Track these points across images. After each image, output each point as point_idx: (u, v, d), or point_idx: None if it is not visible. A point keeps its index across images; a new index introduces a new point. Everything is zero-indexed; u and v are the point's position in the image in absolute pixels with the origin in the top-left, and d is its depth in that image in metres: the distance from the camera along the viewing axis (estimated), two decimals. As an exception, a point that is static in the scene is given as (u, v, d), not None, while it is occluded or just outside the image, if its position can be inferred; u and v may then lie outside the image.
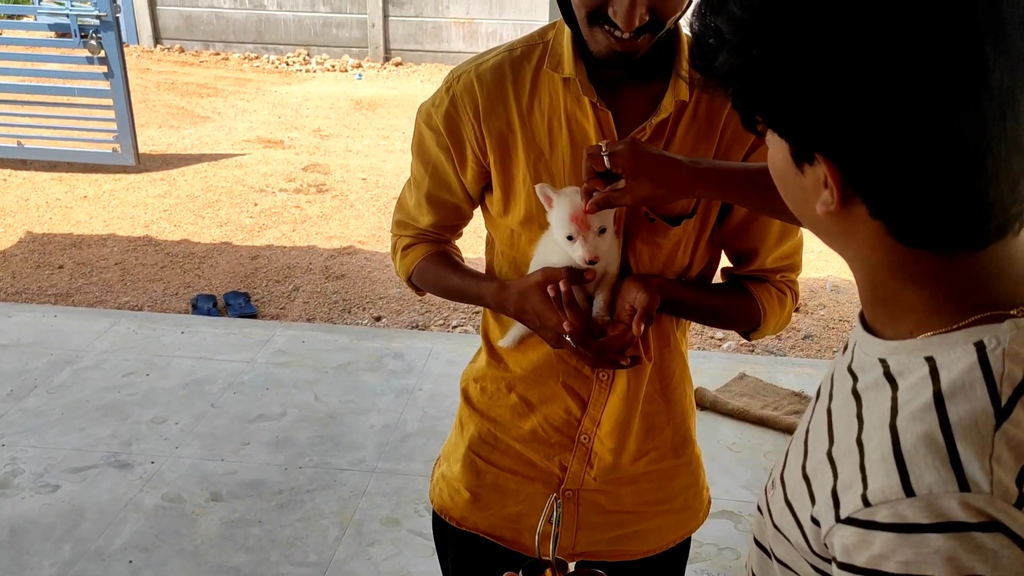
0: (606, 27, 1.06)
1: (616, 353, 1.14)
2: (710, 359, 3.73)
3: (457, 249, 1.39)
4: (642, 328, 1.09)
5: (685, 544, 1.40)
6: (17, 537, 2.54)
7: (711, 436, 3.14)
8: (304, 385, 3.40)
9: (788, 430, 3.17)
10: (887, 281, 0.68)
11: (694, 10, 0.70)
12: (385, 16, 10.89)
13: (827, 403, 0.73)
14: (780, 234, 1.22)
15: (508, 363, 1.29)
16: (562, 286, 1.11)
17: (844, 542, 0.62)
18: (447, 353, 3.65)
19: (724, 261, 1.31)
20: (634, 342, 1.13)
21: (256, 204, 5.68)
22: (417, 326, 4.16)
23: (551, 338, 1.16)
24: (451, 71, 1.23)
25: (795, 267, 1.27)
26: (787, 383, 3.50)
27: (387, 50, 10.97)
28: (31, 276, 4.53)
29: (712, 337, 4.09)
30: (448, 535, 1.38)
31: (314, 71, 10.32)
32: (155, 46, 11.08)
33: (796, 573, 0.74)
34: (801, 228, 1.25)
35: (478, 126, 1.18)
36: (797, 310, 4.38)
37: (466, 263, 1.35)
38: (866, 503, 0.61)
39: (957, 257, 0.65)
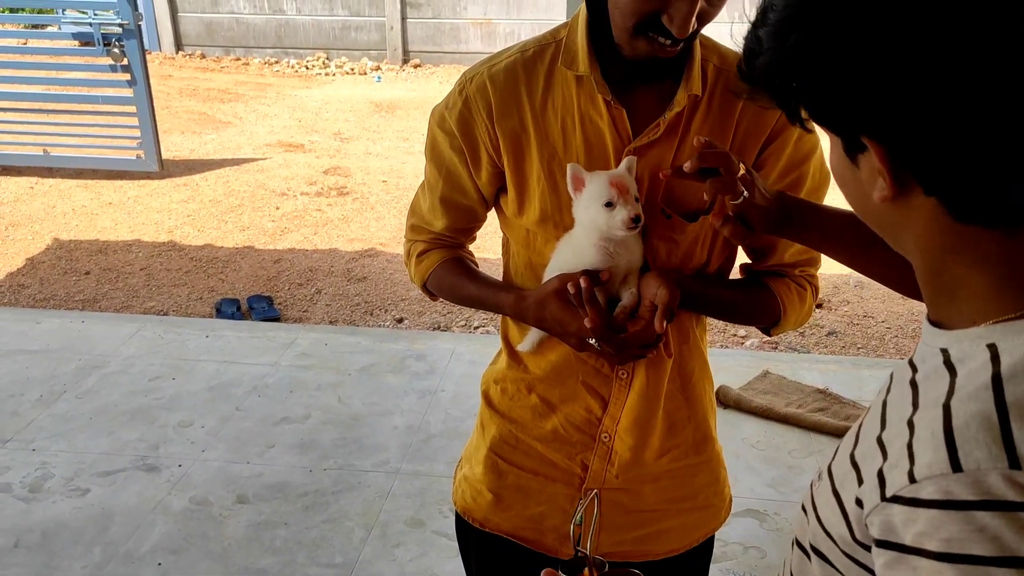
0: (654, 35, 1.06)
1: (638, 348, 1.14)
2: (733, 357, 3.71)
3: (471, 254, 1.39)
4: (664, 324, 1.09)
5: (708, 543, 1.40)
6: (48, 540, 2.58)
7: (735, 434, 3.13)
8: (327, 387, 3.42)
9: (813, 428, 3.15)
10: (948, 266, 0.67)
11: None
12: (403, 18, 10.93)
13: (884, 396, 0.73)
14: None
15: (528, 364, 1.29)
16: (582, 283, 1.11)
17: (889, 520, 0.61)
18: (469, 354, 3.66)
19: (743, 257, 1.31)
20: (654, 338, 1.13)
21: (278, 208, 5.73)
22: (439, 327, 4.18)
23: (574, 343, 1.17)
24: (464, 73, 1.23)
25: (814, 261, 1.27)
26: (811, 380, 3.48)
27: (405, 52, 11.01)
28: (59, 282, 4.59)
29: (735, 335, 4.07)
30: (471, 536, 1.38)
31: (333, 74, 10.38)
32: (177, 53, 11.20)
33: (839, 572, 0.72)
34: None
35: (492, 127, 1.19)
36: (820, 306, 4.35)
37: (481, 268, 1.36)
38: (912, 479, 0.60)
39: (1017, 235, 0.64)
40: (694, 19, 1.03)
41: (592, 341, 1.12)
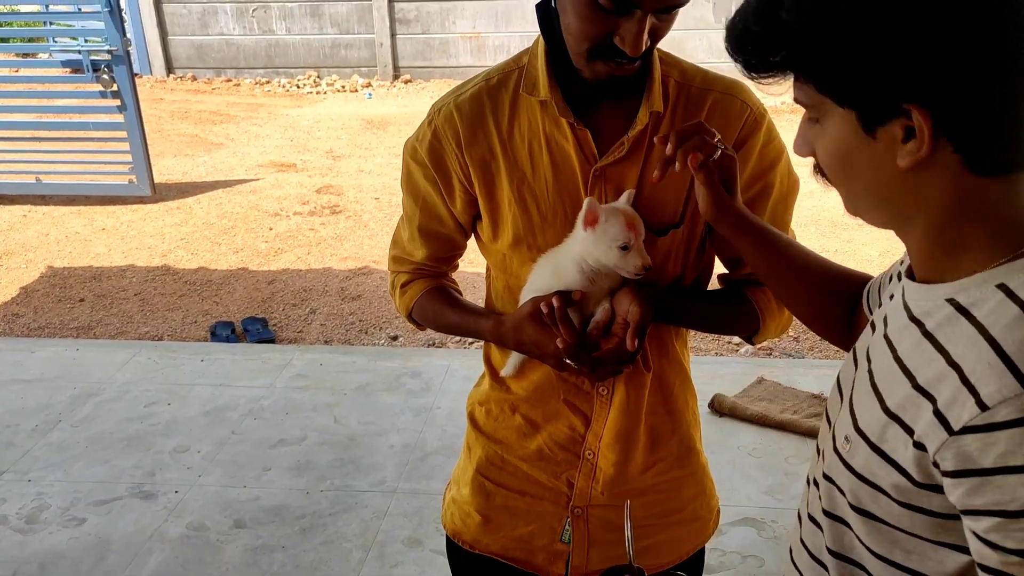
0: (609, 56, 1.07)
1: (614, 365, 1.14)
2: (728, 364, 3.71)
3: (454, 283, 1.40)
4: (636, 341, 1.10)
5: (699, 555, 1.40)
6: (46, 572, 2.57)
7: (731, 442, 3.13)
8: (323, 408, 3.42)
9: (809, 433, 3.15)
10: (953, 223, 0.74)
11: (737, 13, 0.76)
12: (392, 35, 10.97)
13: (890, 355, 0.78)
14: None
15: (510, 385, 1.30)
16: (554, 302, 1.11)
17: (964, 450, 0.67)
18: (464, 370, 3.66)
19: (720, 267, 1.32)
20: (628, 355, 1.13)
21: (271, 228, 5.74)
22: (434, 344, 4.18)
23: (553, 363, 1.18)
24: (432, 104, 1.25)
25: None
26: (806, 385, 3.48)
27: (396, 68, 11.05)
28: (53, 310, 4.59)
29: (729, 342, 4.07)
30: (462, 558, 1.38)
31: (325, 92, 10.41)
32: (168, 75, 11.23)
33: (891, 525, 0.77)
34: (791, 229, 1.26)
35: (461, 155, 1.20)
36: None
37: (464, 297, 1.37)
38: (983, 407, 0.66)
39: (1016, 182, 0.73)
40: (646, 36, 1.04)
41: (568, 360, 1.13)
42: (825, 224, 5.49)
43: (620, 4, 1.01)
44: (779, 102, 8.93)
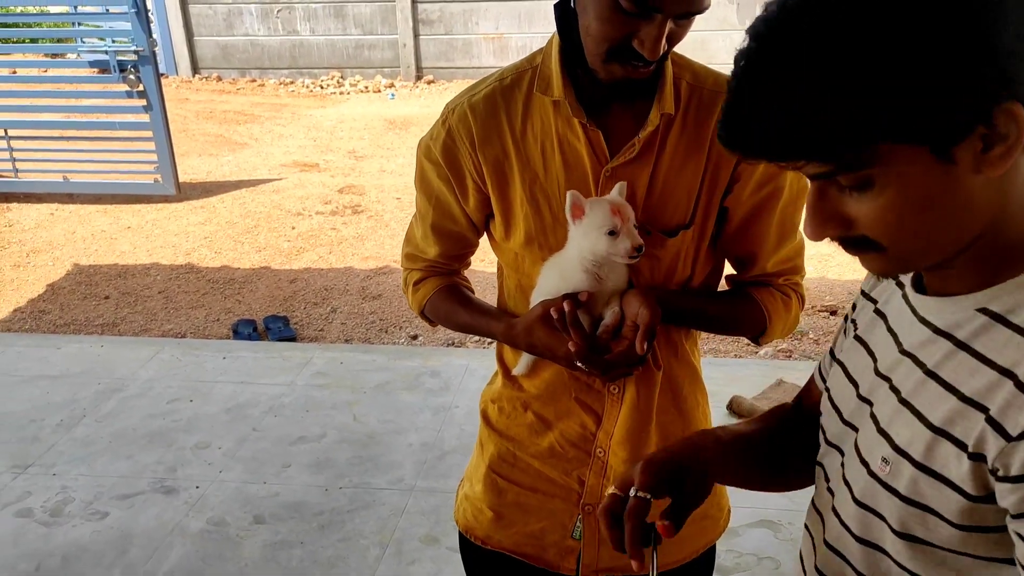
0: (626, 59, 1.08)
1: (624, 367, 1.15)
2: (747, 367, 3.70)
3: (466, 280, 1.42)
4: (645, 345, 1.11)
5: (710, 553, 1.40)
6: (69, 564, 2.61)
7: (749, 444, 3.12)
8: (343, 406, 3.45)
9: (828, 436, 3.13)
10: (1005, 227, 0.71)
11: (735, 106, 0.71)
12: (416, 35, 11.01)
13: (919, 371, 0.76)
14: (779, 237, 1.23)
15: (523, 383, 1.31)
16: (565, 306, 1.12)
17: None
18: (483, 370, 3.67)
19: (729, 269, 1.32)
20: (639, 357, 1.14)
21: (293, 228, 5.78)
22: (453, 343, 4.19)
23: (564, 364, 1.19)
24: (446, 104, 1.26)
25: (797, 269, 1.28)
26: (826, 388, 3.46)
27: (419, 69, 11.09)
28: (79, 307, 4.66)
29: (748, 345, 4.06)
30: (474, 554, 1.40)
31: (348, 93, 10.47)
32: (193, 76, 11.34)
33: (939, 547, 0.74)
34: (800, 231, 1.26)
35: (475, 155, 1.22)
36: (835, 313, 4.33)
37: (475, 295, 1.38)
38: None
39: None
40: (664, 41, 1.04)
41: (579, 363, 1.14)
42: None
43: (641, 8, 1.02)
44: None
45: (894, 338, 0.81)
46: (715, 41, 10.23)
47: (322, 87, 10.81)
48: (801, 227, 1.26)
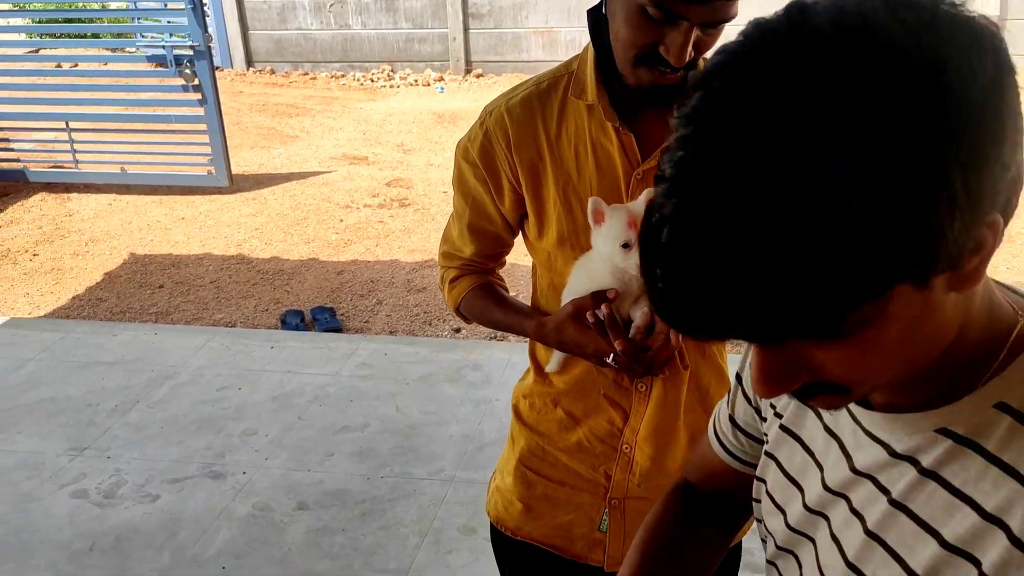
0: (654, 64, 1.10)
1: (660, 365, 1.17)
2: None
3: (501, 279, 1.45)
4: (680, 338, 1.12)
5: (736, 550, 1.41)
6: (121, 544, 2.71)
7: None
8: (386, 397, 3.51)
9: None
10: (965, 335, 0.63)
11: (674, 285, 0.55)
12: (466, 29, 11.06)
13: (882, 501, 0.68)
14: None
15: (553, 379, 1.34)
16: (603, 310, 1.14)
17: None
18: (524, 364, 3.64)
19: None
20: (673, 354, 1.15)
21: (341, 220, 5.87)
22: (495, 337, 4.23)
23: (595, 362, 1.22)
24: (484, 107, 1.29)
25: None
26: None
27: (468, 62, 11.13)
28: (134, 296, 4.80)
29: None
30: (505, 545, 1.43)
31: (397, 86, 10.56)
32: (248, 69, 11.54)
33: None
34: None
35: (511, 156, 1.24)
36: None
37: (509, 294, 1.41)
38: None
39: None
40: (691, 48, 1.06)
41: (609, 359, 1.15)
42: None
43: (668, 15, 1.04)
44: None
45: (840, 448, 0.73)
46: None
47: (372, 80, 10.92)
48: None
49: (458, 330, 4.32)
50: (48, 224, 5.92)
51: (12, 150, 6.87)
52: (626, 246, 1.13)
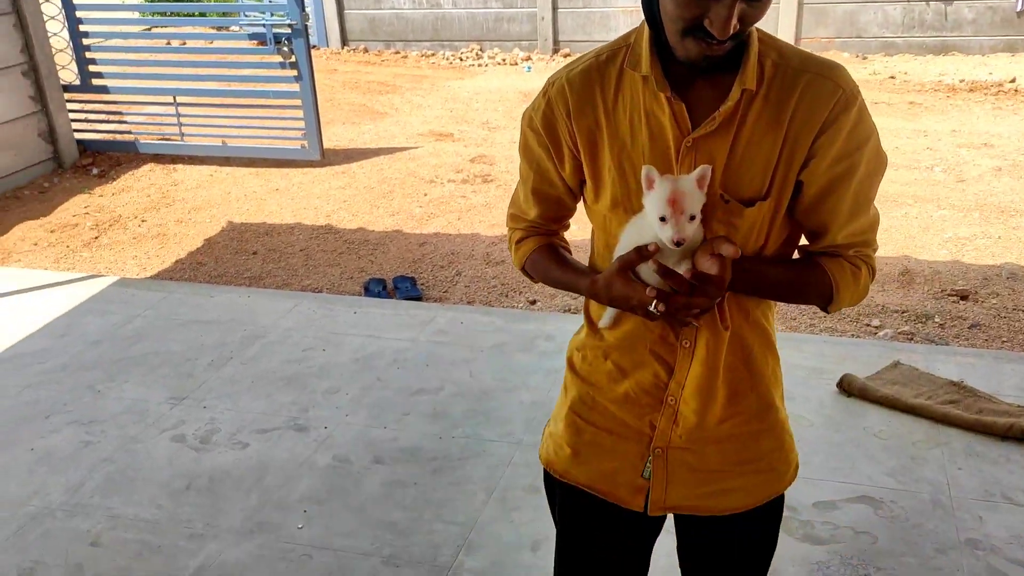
0: (700, 36, 1.18)
1: (694, 312, 1.25)
2: (863, 347, 3.66)
3: (565, 241, 1.55)
4: (720, 268, 1.23)
5: (777, 504, 1.48)
6: (215, 485, 2.94)
7: (856, 423, 3.11)
8: (461, 363, 3.66)
9: (942, 420, 3.08)
10: None
11: None
12: (554, 8, 11.10)
13: None
14: (851, 212, 1.29)
15: (604, 334, 1.44)
16: (652, 264, 1.24)
17: None
18: (595, 335, 3.79)
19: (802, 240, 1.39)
20: (711, 305, 1.24)
21: (426, 194, 6.05)
22: (569, 310, 4.33)
23: (641, 313, 1.29)
24: (548, 78, 1.39)
25: (869, 243, 1.34)
26: (946, 372, 3.38)
27: (556, 42, 11.18)
28: (230, 261, 5.09)
29: (868, 325, 3.99)
30: (554, 486, 1.54)
31: (485, 65, 10.70)
32: (343, 48, 11.87)
33: None
34: (873, 206, 1.32)
35: (570, 124, 1.34)
36: (965, 298, 4.18)
37: (571, 256, 1.51)
38: None
39: None
40: (735, 21, 1.13)
41: (652, 307, 1.23)
42: (990, 210, 5.20)
43: None
44: (988, 76, 8.43)
45: None
46: (865, 14, 9.84)
47: (461, 59, 11.09)
48: (954, 207, 1.33)
49: (533, 302, 4.44)
50: (155, 193, 6.29)
51: (125, 123, 7.29)
52: (663, 219, 1.22)
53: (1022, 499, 2.71)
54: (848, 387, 3.27)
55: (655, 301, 1.23)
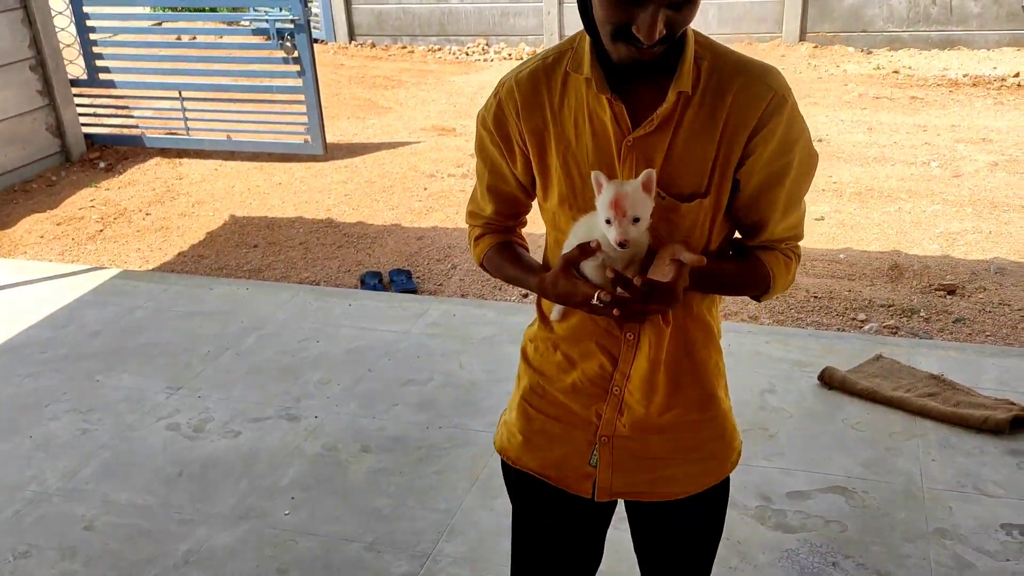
0: (628, 41, 1.24)
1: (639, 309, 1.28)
2: (847, 340, 3.71)
3: (522, 238, 1.62)
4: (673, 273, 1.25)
5: (721, 488, 1.54)
6: (207, 471, 3.03)
7: (834, 415, 3.17)
8: (451, 354, 3.73)
9: (919, 412, 3.13)
10: None
11: None
12: (560, 3, 11.13)
13: None
14: (785, 208, 1.36)
15: (554, 326, 1.51)
16: (609, 273, 1.27)
17: None
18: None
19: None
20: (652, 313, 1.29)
21: (426, 189, 6.12)
22: (561, 303, 4.39)
23: (585, 309, 1.34)
24: (499, 79, 1.45)
25: (799, 236, 1.43)
26: (927, 366, 3.43)
27: (562, 37, 11.20)
28: (231, 254, 5.18)
29: (853, 319, 4.04)
30: (509, 473, 1.61)
31: (491, 60, 10.75)
32: (350, 42, 11.94)
33: None
34: (804, 200, 1.38)
35: (520, 124, 1.41)
36: (952, 292, 4.22)
37: (526, 253, 1.58)
38: None
39: None
40: (661, 26, 1.19)
41: (595, 300, 1.28)
42: (983, 205, 5.22)
43: None
44: (992, 71, 8.42)
45: None
46: (870, 8, 9.85)
47: (467, 54, 11.14)
48: (947, 202, 1.40)
49: (526, 295, 4.51)
50: (161, 186, 6.39)
51: (132, 117, 7.40)
52: (608, 222, 1.28)
53: (993, 490, 2.76)
54: (829, 380, 3.33)
55: (597, 292, 1.29)
